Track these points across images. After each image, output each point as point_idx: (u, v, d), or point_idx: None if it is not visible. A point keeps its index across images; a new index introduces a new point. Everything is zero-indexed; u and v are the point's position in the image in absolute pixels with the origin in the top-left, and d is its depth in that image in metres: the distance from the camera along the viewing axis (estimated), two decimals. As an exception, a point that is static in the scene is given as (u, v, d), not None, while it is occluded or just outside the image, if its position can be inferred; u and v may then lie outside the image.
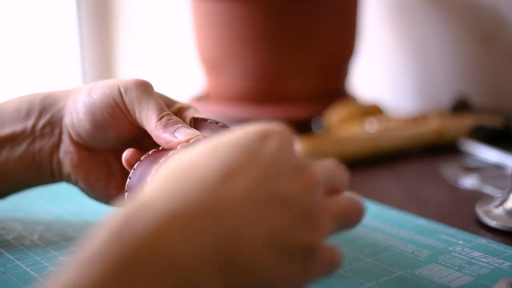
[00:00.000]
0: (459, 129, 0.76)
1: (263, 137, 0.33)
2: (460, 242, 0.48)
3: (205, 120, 0.47)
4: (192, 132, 0.44)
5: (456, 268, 0.44)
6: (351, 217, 0.35)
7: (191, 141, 0.43)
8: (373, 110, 0.82)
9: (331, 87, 0.88)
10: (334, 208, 0.34)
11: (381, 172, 0.69)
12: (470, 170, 0.67)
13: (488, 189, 0.61)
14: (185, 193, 0.30)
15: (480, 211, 0.53)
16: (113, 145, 0.49)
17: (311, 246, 0.32)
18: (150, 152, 0.46)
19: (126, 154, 0.47)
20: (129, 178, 0.45)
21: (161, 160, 0.44)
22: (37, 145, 0.49)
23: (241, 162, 0.31)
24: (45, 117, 0.49)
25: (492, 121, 0.77)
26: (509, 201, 0.52)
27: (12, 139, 0.49)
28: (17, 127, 0.49)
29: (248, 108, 0.84)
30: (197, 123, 0.47)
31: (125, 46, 1.50)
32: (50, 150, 0.49)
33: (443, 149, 0.75)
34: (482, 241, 0.48)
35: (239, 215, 0.30)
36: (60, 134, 0.49)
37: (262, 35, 0.82)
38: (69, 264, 0.27)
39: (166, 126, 0.45)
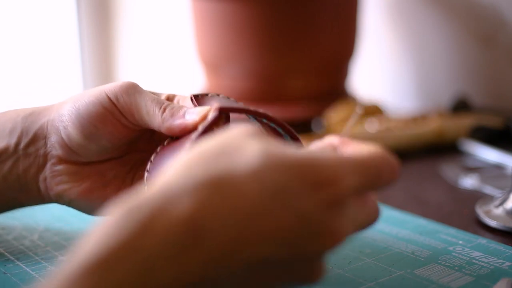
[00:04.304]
0: (459, 129, 0.76)
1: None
2: (460, 242, 0.48)
3: (206, 94, 0.45)
4: (202, 108, 0.43)
5: (456, 268, 0.44)
6: (368, 225, 0.35)
7: (208, 117, 0.42)
8: (373, 110, 0.82)
9: (331, 87, 0.88)
10: (353, 222, 0.33)
11: (381, 172, 0.69)
12: (470, 170, 0.67)
13: (488, 189, 0.61)
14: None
15: (480, 211, 0.53)
16: (108, 155, 0.47)
17: (320, 256, 0.32)
18: (165, 143, 0.44)
19: None
20: (147, 171, 0.43)
21: (180, 150, 0.42)
22: (21, 165, 0.46)
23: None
24: (28, 136, 0.46)
25: (492, 121, 0.77)
26: (509, 201, 0.52)
27: None
28: (1, 144, 0.46)
29: (248, 108, 0.84)
30: (198, 99, 0.45)
31: (125, 46, 1.50)
32: (36, 171, 0.46)
33: (443, 149, 0.75)
34: (482, 241, 0.48)
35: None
36: (46, 154, 0.46)
37: (262, 35, 0.82)
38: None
39: (173, 114, 0.43)
